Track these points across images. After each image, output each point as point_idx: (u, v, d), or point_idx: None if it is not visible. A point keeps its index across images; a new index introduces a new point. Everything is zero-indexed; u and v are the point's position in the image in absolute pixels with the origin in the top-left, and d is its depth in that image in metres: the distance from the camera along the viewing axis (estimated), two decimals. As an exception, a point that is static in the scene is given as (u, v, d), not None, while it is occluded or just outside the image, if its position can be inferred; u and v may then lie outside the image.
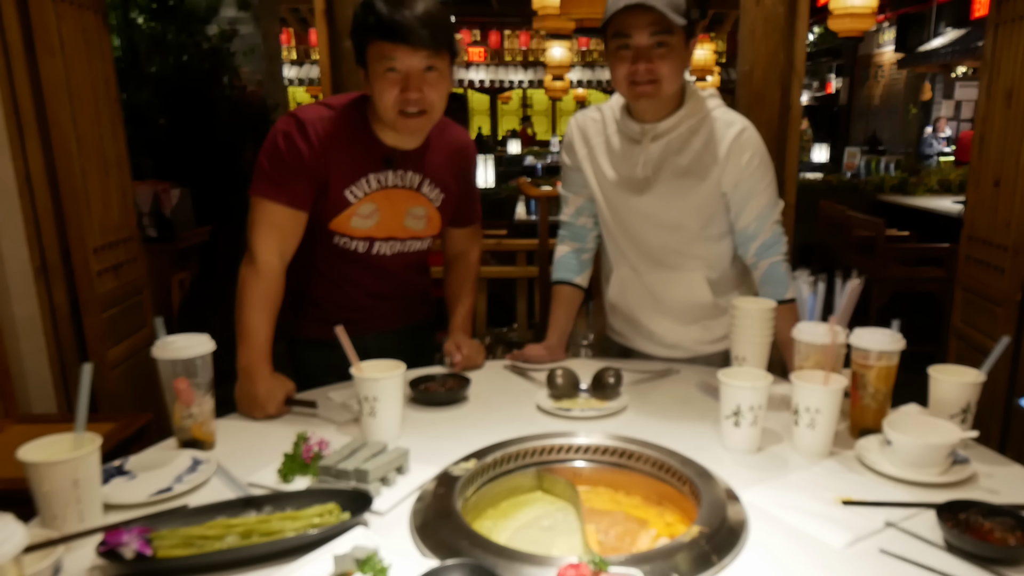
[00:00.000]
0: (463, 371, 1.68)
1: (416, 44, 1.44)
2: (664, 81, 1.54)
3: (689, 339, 1.79)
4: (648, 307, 1.79)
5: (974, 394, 1.29)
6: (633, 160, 1.67)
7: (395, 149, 1.62)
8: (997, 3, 2.38)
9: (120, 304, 2.54)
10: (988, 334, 2.34)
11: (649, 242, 1.72)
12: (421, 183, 1.67)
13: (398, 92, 1.48)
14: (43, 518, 0.98)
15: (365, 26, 1.47)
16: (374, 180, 1.60)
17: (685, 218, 1.67)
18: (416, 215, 1.69)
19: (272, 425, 1.41)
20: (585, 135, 1.75)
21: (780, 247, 1.67)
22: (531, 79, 14.85)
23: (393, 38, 1.44)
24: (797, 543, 1.00)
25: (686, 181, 1.63)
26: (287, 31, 13.33)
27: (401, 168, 1.63)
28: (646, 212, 1.68)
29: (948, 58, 9.35)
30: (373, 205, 1.62)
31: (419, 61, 1.47)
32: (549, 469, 1.25)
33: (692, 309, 1.76)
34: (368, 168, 1.59)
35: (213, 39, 4.76)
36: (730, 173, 1.61)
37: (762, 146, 1.65)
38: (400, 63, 1.46)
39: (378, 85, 1.49)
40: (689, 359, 1.79)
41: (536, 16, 5.37)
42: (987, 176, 2.40)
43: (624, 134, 1.68)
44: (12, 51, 2.15)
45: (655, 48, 1.51)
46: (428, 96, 1.50)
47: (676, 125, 1.62)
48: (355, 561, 0.90)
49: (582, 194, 1.80)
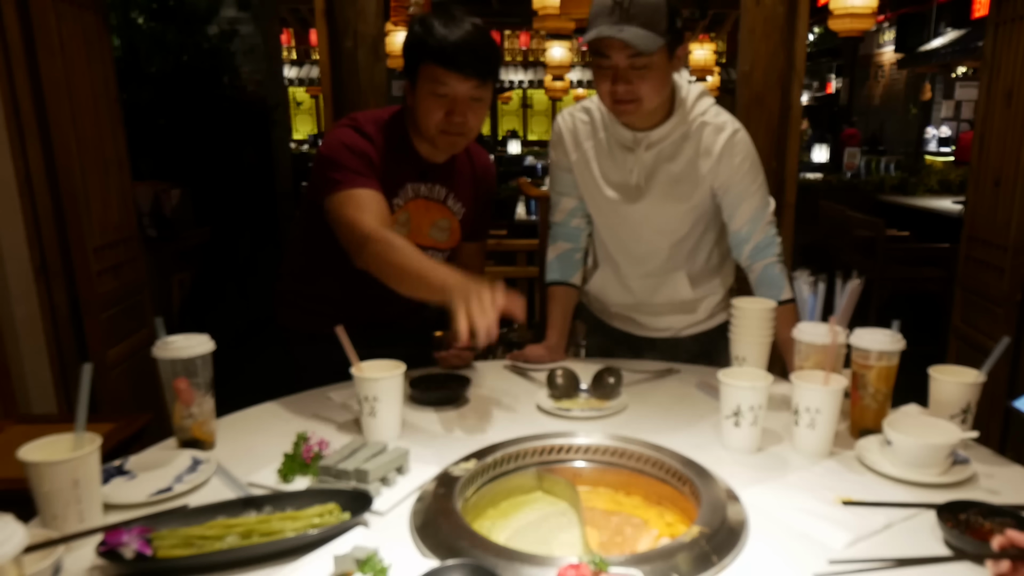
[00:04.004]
0: (459, 369, 1.68)
1: (468, 74, 1.50)
2: (645, 99, 1.54)
3: (667, 324, 1.86)
4: (629, 306, 1.85)
5: (974, 394, 1.29)
6: (626, 167, 1.67)
7: (428, 161, 1.67)
8: (997, 3, 2.38)
9: (120, 304, 2.54)
10: (988, 334, 2.34)
11: (639, 248, 1.75)
12: (447, 196, 1.72)
13: (443, 114, 1.54)
14: (43, 518, 0.98)
15: (422, 46, 1.51)
16: (411, 190, 1.66)
17: (677, 223, 1.70)
18: (441, 227, 1.73)
19: (272, 425, 1.41)
20: (576, 138, 1.73)
21: (773, 248, 1.68)
22: (531, 79, 14.84)
23: (447, 65, 1.49)
24: (797, 543, 1.00)
25: (680, 187, 1.65)
26: (287, 31, 13.33)
27: (431, 180, 1.68)
28: (639, 219, 1.70)
29: (948, 58, 9.35)
30: (407, 214, 1.67)
31: (467, 89, 1.53)
32: (549, 469, 1.25)
33: (674, 305, 1.81)
34: (407, 178, 1.65)
35: (213, 39, 4.76)
36: (722, 175, 1.63)
37: (752, 148, 1.66)
38: (450, 88, 1.52)
39: (425, 103, 1.54)
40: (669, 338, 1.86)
41: (536, 16, 5.36)
42: (987, 176, 2.40)
43: (615, 140, 1.68)
44: (12, 51, 2.15)
45: (633, 69, 1.50)
46: (469, 121, 1.57)
47: (668, 133, 1.63)
48: (355, 561, 0.90)
49: (574, 195, 1.79)
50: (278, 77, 6.24)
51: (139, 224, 2.91)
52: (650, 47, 1.46)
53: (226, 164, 4.58)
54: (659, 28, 1.46)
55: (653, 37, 1.46)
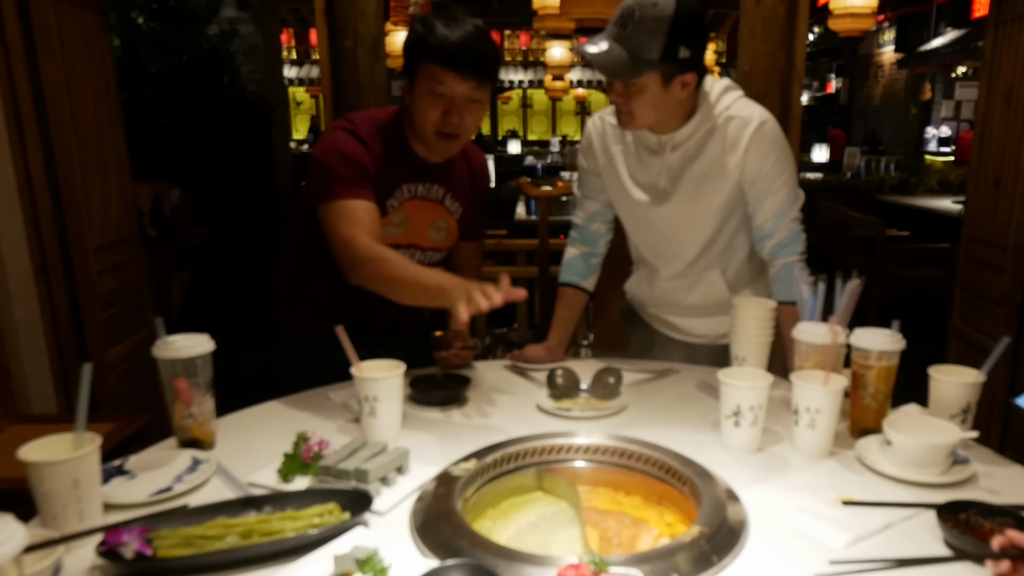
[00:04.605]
0: (459, 369, 1.68)
1: (467, 74, 1.50)
2: (637, 116, 1.54)
3: (705, 331, 1.83)
4: (664, 306, 1.85)
5: (974, 394, 1.29)
6: (653, 170, 1.66)
7: (425, 161, 1.66)
8: (997, 3, 2.38)
9: (120, 304, 2.54)
10: (988, 334, 2.34)
11: (669, 249, 1.74)
12: (444, 196, 1.72)
13: (440, 114, 1.53)
14: (43, 518, 0.98)
15: (423, 45, 1.51)
16: (407, 191, 1.65)
17: (706, 222, 1.68)
18: (439, 227, 1.73)
19: (272, 425, 1.41)
20: (604, 142, 1.73)
21: (796, 246, 1.65)
22: (531, 79, 14.83)
23: (447, 64, 1.49)
24: (797, 543, 1.00)
25: (707, 185, 1.63)
26: (287, 31, 13.33)
27: (429, 181, 1.68)
28: (666, 220, 1.69)
29: (948, 58, 9.34)
30: (404, 215, 1.66)
31: (466, 90, 1.52)
32: (549, 469, 1.25)
33: (708, 307, 1.79)
34: (404, 179, 1.64)
35: (213, 39, 4.77)
36: (749, 169, 1.60)
37: (782, 139, 1.63)
38: (448, 88, 1.51)
39: (422, 103, 1.54)
40: (706, 345, 1.83)
41: (536, 16, 5.36)
42: (987, 176, 2.40)
43: (641, 143, 1.67)
44: (12, 51, 2.15)
45: (624, 86, 1.50)
46: (466, 122, 1.56)
47: (693, 132, 1.61)
48: (355, 561, 0.90)
49: (598, 199, 1.79)
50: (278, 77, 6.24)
51: (139, 224, 2.91)
52: (621, 74, 1.46)
53: (226, 164, 4.58)
54: (648, 55, 1.45)
55: (631, 65, 1.45)
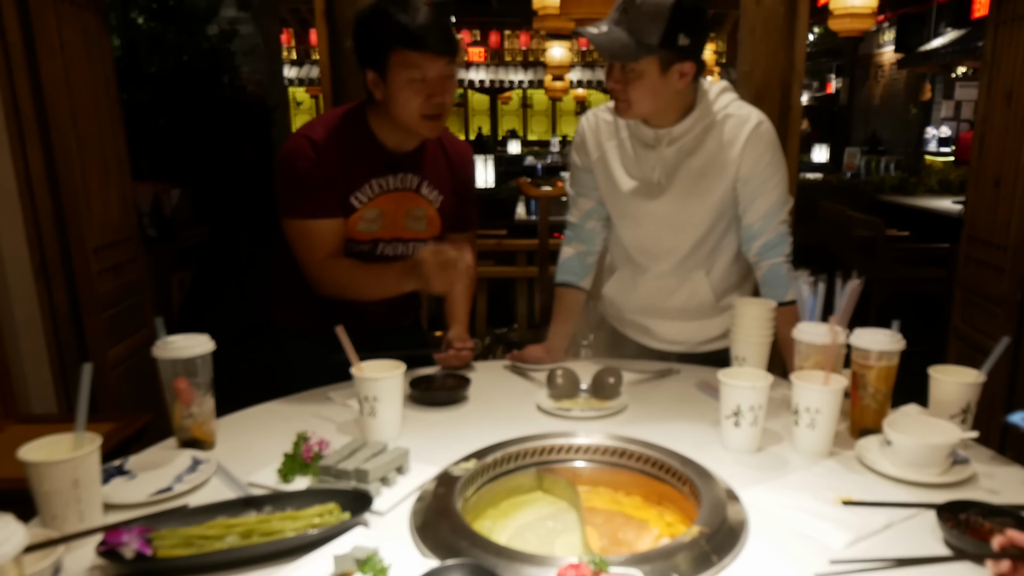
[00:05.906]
0: (459, 369, 1.68)
1: (441, 52, 1.51)
2: (633, 103, 1.54)
3: (684, 336, 1.81)
4: (646, 309, 1.81)
5: (974, 394, 1.29)
6: (647, 165, 1.66)
7: (395, 152, 1.65)
8: (997, 3, 2.38)
9: (120, 304, 2.54)
10: (988, 334, 2.34)
11: (658, 246, 1.73)
12: (420, 184, 1.70)
13: (423, 99, 1.53)
14: (43, 518, 0.98)
15: (387, 35, 1.50)
16: (376, 185, 1.64)
17: (697, 219, 1.68)
18: (416, 216, 1.71)
19: (272, 425, 1.41)
20: (598, 137, 1.73)
21: (783, 248, 1.66)
22: (531, 79, 14.83)
23: (419, 47, 1.49)
24: (797, 543, 1.00)
25: (702, 182, 1.63)
26: (287, 31, 13.33)
27: (401, 171, 1.67)
28: (659, 216, 1.68)
29: (948, 58, 9.33)
30: (377, 209, 1.65)
31: (442, 68, 1.53)
32: (549, 469, 1.25)
33: (691, 311, 1.77)
34: (371, 173, 1.63)
35: (213, 39, 4.77)
36: (744, 166, 1.61)
37: (776, 141, 1.64)
38: (425, 71, 1.51)
39: (403, 93, 1.53)
40: (684, 353, 1.81)
41: (536, 16, 5.36)
42: (987, 176, 2.40)
43: (637, 138, 1.67)
44: (12, 51, 2.15)
45: (622, 71, 1.51)
46: (447, 100, 1.57)
47: (690, 128, 1.62)
48: (355, 561, 0.90)
49: (592, 197, 1.79)
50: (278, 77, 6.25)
51: (139, 224, 2.91)
52: (620, 55, 1.47)
53: (226, 164, 4.58)
54: (648, 39, 1.46)
55: (632, 47, 1.46)
